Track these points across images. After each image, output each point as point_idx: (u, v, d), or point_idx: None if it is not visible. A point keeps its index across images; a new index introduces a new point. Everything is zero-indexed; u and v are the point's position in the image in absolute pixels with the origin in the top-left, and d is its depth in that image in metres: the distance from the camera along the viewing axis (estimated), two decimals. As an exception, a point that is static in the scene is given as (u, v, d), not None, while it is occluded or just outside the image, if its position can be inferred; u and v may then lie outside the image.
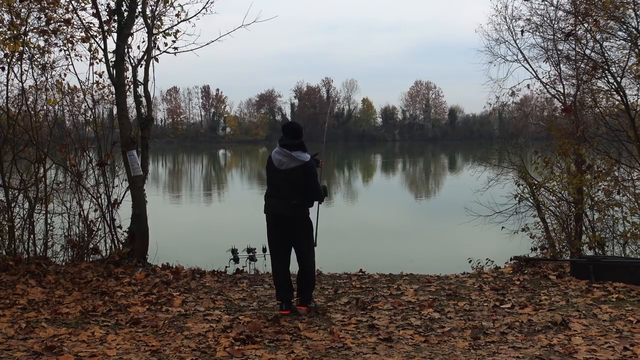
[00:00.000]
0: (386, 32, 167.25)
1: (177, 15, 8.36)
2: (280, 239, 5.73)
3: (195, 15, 8.41)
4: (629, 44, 8.79)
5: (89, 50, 8.20)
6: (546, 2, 9.80)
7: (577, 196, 9.10)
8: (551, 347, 4.56)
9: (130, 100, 8.31)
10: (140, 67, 8.26)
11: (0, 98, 8.17)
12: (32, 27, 7.99)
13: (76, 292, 6.30)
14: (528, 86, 10.48)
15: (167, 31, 8.42)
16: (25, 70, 8.05)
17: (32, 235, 7.93)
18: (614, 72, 8.87)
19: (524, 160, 10.73)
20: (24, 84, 8.07)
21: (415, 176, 43.61)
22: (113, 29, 8.11)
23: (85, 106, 8.64)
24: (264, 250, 8.37)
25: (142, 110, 8.36)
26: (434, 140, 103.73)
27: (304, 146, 5.63)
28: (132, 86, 8.25)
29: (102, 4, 8.08)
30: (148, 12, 8.31)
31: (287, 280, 5.77)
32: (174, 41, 8.43)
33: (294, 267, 5.88)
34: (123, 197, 8.27)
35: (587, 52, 9.23)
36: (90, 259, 8.06)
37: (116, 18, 8.05)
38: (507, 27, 10.59)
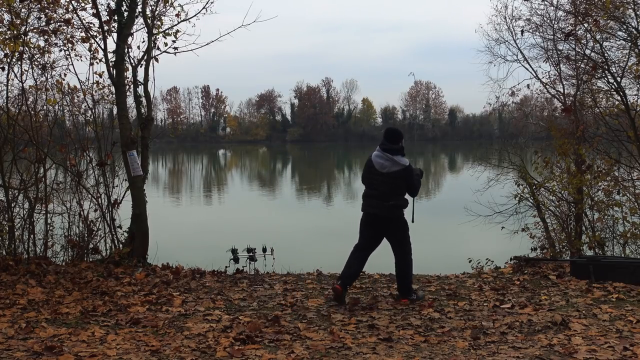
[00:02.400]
0: (386, 32, 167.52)
1: (177, 15, 8.35)
2: (371, 237, 6.17)
3: (195, 15, 8.41)
4: (629, 44, 8.79)
5: (89, 50, 8.19)
6: (546, 2, 9.81)
7: (577, 196, 9.10)
8: (551, 347, 4.56)
9: (130, 100, 8.31)
10: (140, 67, 8.26)
11: (0, 98, 8.18)
12: (32, 27, 7.98)
13: (76, 292, 6.30)
14: (528, 86, 10.50)
15: (167, 31, 8.42)
16: (25, 70, 8.04)
17: (32, 235, 7.93)
18: (614, 72, 8.86)
19: (524, 160, 10.74)
20: (24, 84, 8.06)
21: (415, 176, 43.49)
22: (113, 29, 8.11)
23: (85, 106, 8.64)
24: (264, 250, 8.39)
25: (142, 110, 8.36)
26: (434, 140, 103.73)
27: (403, 150, 6.09)
28: (132, 86, 8.24)
29: (102, 4, 8.08)
30: (148, 12, 8.30)
31: (356, 270, 6.17)
32: (174, 41, 8.42)
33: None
34: (123, 197, 8.26)
35: (587, 52, 9.23)
36: (90, 259, 8.05)
37: (116, 18, 8.04)
38: (507, 27, 10.62)
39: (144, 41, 8.26)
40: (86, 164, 8.44)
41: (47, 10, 7.92)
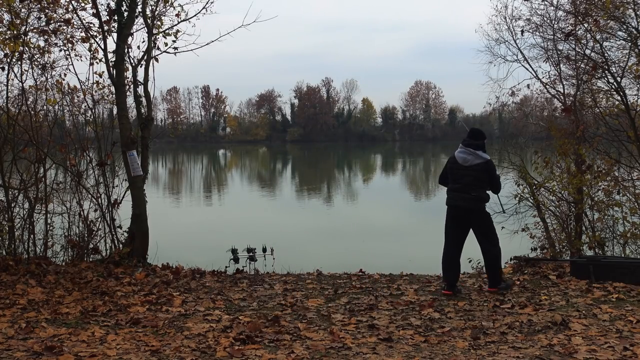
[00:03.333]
0: (386, 32, 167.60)
1: (177, 15, 8.36)
2: (457, 228, 6.56)
3: (195, 15, 8.42)
4: (629, 44, 8.78)
5: (89, 50, 8.20)
6: (546, 2, 9.79)
7: (577, 196, 9.09)
8: (551, 347, 4.56)
9: (130, 100, 8.32)
10: (140, 67, 8.26)
11: (0, 98, 8.18)
12: (32, 27, 7.99)
13: (76, 292, 6.30)
14: (528, 86, 10.47)
15: (167, 31, 8.42)
16: (25, 70, 8.05)
17: (32, 235, 7.93)
18: (614, 72, 8.85)
19: (524, 160, 10.71)
20: (24, 84, 8.07)
21: (415, 176, 43.61)
22: (113, 29, 8.11)
23: (85, 106, 8.65)
24: (264, 250, 8.40)
25: (142, 110, 8.36)
26: (434, 140, 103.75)
27: (485, 147, 6.54)
28: (132, 86, 8.24)
29: (102, 4, 8.09)
30: (148, 12, 8.31)
31: (455, 266, 6.50)
32: (174, 41, 8.43)
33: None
34: (123, 197, 8.27)
35: (587, 52, 9.22)
36: (90, 259, 8.05)
37: (116, 18, 8.04)
38: (507, 27, 10.58)
39: (144, 41, 8.28)
40: (86, 164, 8.44)
41: (47, 10, 7.93)
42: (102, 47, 8.08)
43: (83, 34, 8.16)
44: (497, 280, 6.49)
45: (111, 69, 8.04)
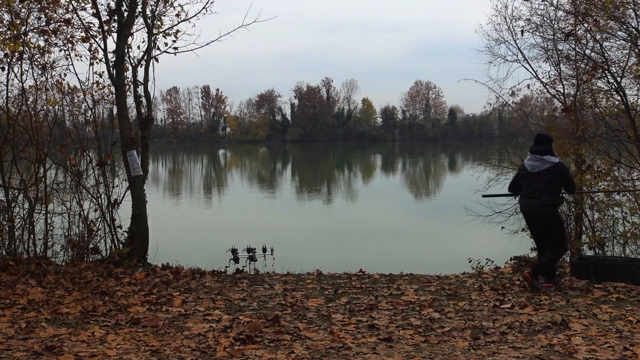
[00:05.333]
0: (387, 32, 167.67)
1: (177, 15, 8.37)
2: (534, 231, 6.92)
3: (195, 15, 8.42)
4: (629, 44, 8.78)
5: (89, 50, 8.21)
6: (546, 2, 9.78)
7: (577, 196, 9.09)
8: (551, 347, 4.57)
9: (130, 100, 8.32)
10: (140, 67, 8.27)
11: (0, 98, 8.19)
12: (32, 27, 7.99)
13: (76, 292, 6.30)
14: (528, 86, 10.46)
15: (167, 31, 8.43)
16: (25, 70, 8.06)
17: (32, 235, 7.93)
18: (614, 72, 8.85)
19: (524, 160, 10.71)
20: (24, 84, 8.08)
21: (415, 176, 43.61)
22: (113, 29, 8.12)
23: (85, 106, 8.66)
24: (264, 250, 8.40)
25: (142, 110, 8.36)
26: (434, 140, 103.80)
27: (552, 151, 6.81)
28: (132, 86, 8.25)
29: (102, 4, 8.10)
30: (148, 12, 8.31)
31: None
32: (174, 41, 8.43)
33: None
34: (123, 197, 8.27)
35: (587, 52, 9.21)
36: (90, 259, 8.06)
37: (116, 18, 8.05)
38: (507, 27, 10.57)
39: (144, 41, 8.28)
40: (86, 164, 8.45)
41: (47, 10, 7.93)
42: (102, 47, 8.10)
43: (83, 34, 8.18)
44: (536, 274, 6.56)
45: (111, 69, 8.04)
